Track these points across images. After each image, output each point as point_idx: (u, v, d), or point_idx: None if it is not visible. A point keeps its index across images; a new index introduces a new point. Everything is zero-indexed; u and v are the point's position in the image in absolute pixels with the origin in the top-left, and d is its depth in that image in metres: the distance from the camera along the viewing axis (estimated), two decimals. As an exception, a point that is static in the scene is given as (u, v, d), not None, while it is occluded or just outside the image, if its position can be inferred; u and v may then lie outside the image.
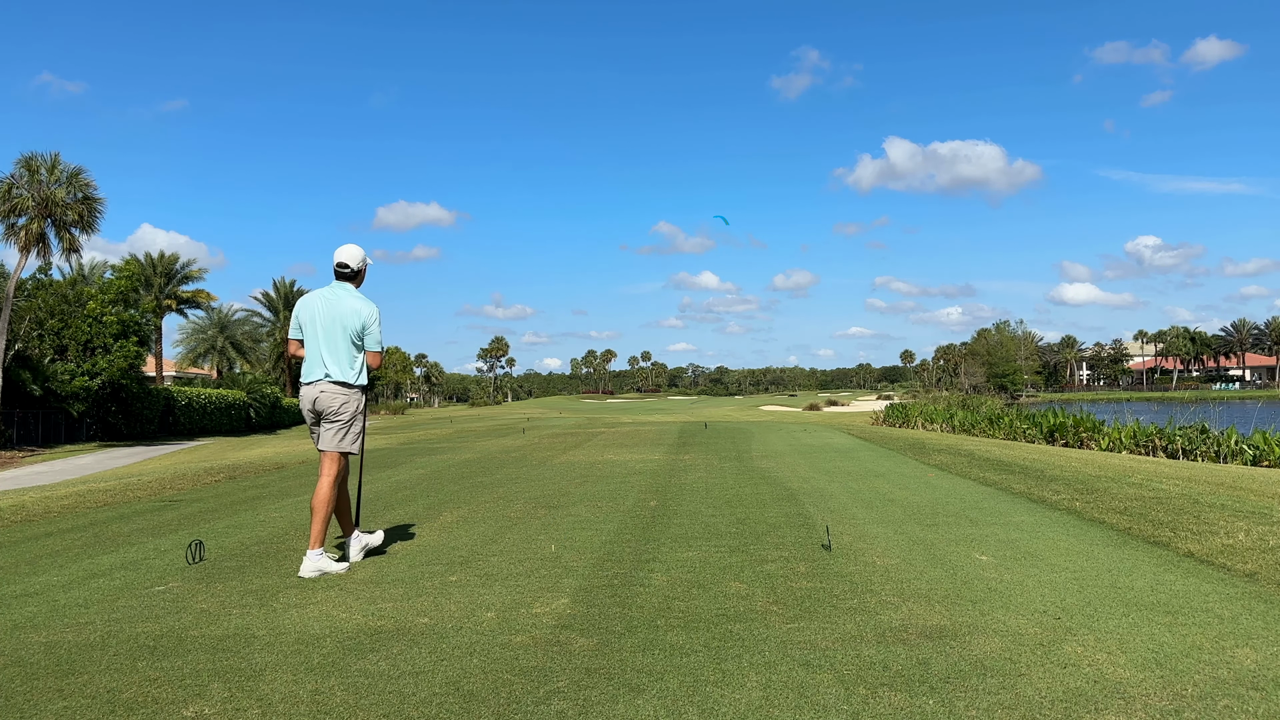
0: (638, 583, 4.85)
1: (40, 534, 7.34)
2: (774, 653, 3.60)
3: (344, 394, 5.47)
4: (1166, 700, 3.04)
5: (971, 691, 3.14)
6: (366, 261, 5.74)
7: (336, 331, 5.46)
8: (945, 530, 6.39)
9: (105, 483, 12.89)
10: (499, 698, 3.17)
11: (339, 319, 5.47)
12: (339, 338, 5.46)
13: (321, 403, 5.46)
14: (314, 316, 5.52)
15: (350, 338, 5.48)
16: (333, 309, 5.50)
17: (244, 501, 9.45)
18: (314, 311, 5.53)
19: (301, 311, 5.58)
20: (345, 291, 5.59)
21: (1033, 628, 3.88)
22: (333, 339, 5.46)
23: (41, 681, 3.45)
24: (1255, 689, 3.13)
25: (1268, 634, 3.75)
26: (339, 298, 5.54)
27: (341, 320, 5.47)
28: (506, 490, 9.69)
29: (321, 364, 5.46)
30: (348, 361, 5.48)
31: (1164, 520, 6.46)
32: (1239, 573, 4.83)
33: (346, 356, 5.48)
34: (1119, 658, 3.48)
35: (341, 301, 5.52)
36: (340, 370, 5.46)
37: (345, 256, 5.64)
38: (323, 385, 5.45)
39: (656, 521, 7.01)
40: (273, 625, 4.18)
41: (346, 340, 5.47)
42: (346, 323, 5.47)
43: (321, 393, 5.45)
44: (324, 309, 5.50)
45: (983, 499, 8.11)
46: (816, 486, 9.26)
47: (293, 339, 5.64)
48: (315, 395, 5.46)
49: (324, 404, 5.45)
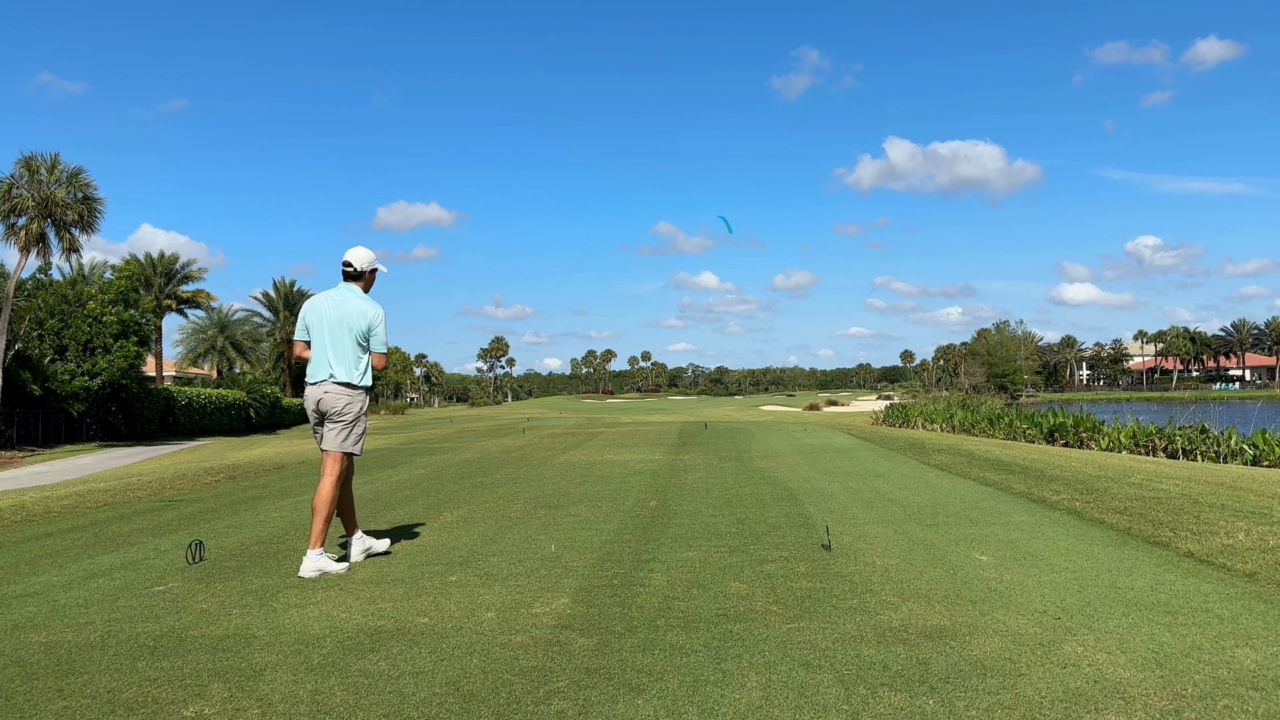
0: (638, 583, 4.85)
1: (40, 534, 7.34)
2: (774, 653, 3.60)
3: (348, 394, 5.50)
4: (1166, 700, 3.04)
5: (971, 691, 3.14)
6: (375, 264, 5.75)
7: (342, 332, 5.49)
8: (945, 530, 6.39)
9: (105, 483, 12.89)
10: (499, 698, 3.17)
11: (345, 320, 5.49)
12: (345, 338, 5.49)
13: (326, 403, 5.48)
14: (321, 317, 5.55)
15: (356, 339, 5.50)
16: (339, 310, 5.52)
17: (244, 501, 9.45)
18: (321, 312, 5.56)
19: (308, 312, 5.63)
20: (351, 293, 5.61)
21: (1033, 628, 3.88)
22: (339, 340, 5.49)
23: (41, 681, 3.45)
24: (1255, 689, 3.13)
25: (1268, 634, 3.75)
26: (345, 299, 5.57)
27: (347, 321, 5.49)
28: (506, 490, 9.69)
29: (327, 364, 5.49)
30: (353, 362, 5.50)
31: (1164, 520, 6.46)
32: (1239, 573, 4.83)
33: (352, 357, 5.50)
34: (1119, 658, 3.48)
35: (348, 303, 5.54)
36: (345, 371, 5.48)
37: (351, 257, 5.67)
38: (327, 386, 5.48)
39: (656, 521, 7.01)
40: (273, 625, 4.18)
41: (352, 341, 5.49)
42: (352, 324, 5.49)
43: (326, 393, 5.47)
44: (331, 310, 5.54)
45: (983, 499, 8.11)
46: (816, 486, 9.27)
47: (299, 340, 5.69)
48: (320, 395, 5.49)
49: (328, 404, 5.48)
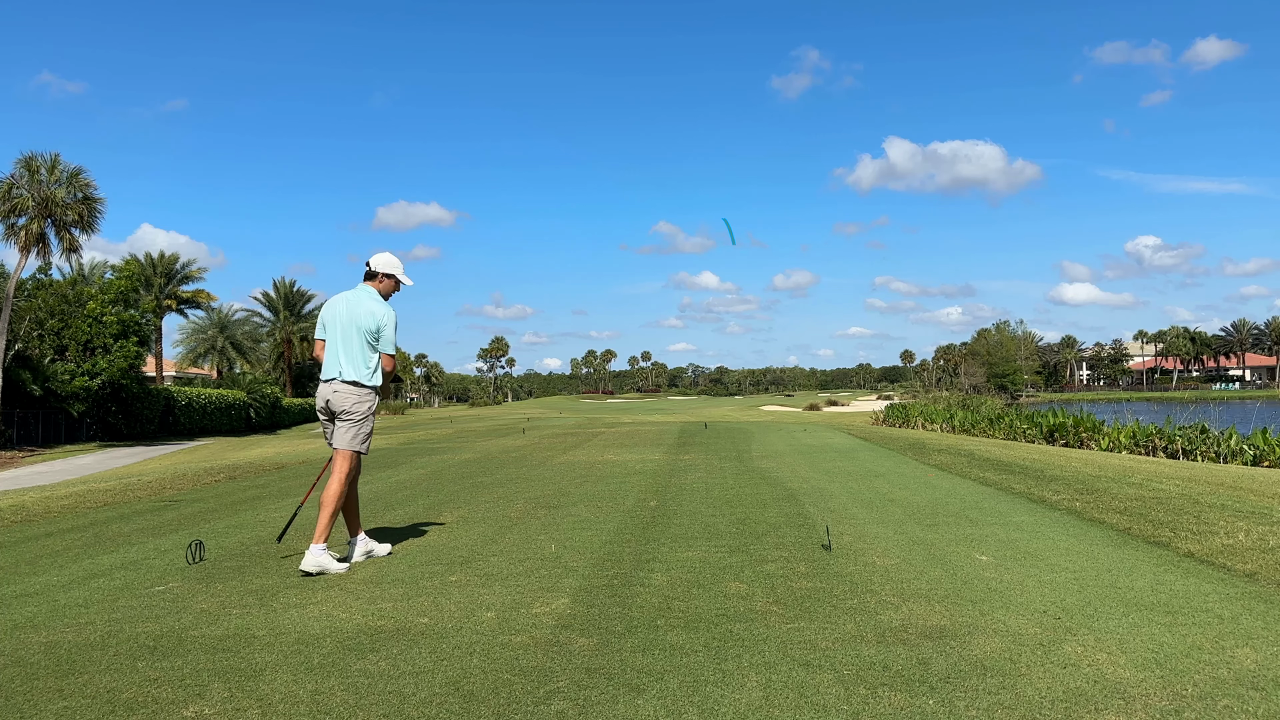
0: (638, 583, 4.85)
1: (40, 534, 7.34)
2: (774, 653, 3.60)
3: (356, 393, 5.63)
4: (1166, 700, 3.04)
5: (972, 691, 3.14)
6: (393, 270, 5.85)
7: (353, 332, 5.64)
8: (945, 530, 6.39)
9: (105, 483, 12.89)
10: (499, 697, 3.17)
11: (355, 320, 5.65)
12: (354, 338, 5.64)
13: (335, 402, 5.62)
14: (335, 317, 5.73)
15: (365, 338, 5.65)
16: (352, 310, 5.69)
17: (244, 502, 9.45)
18: (336, 313, 5.74)
19: (325, 312, 5.83)
20: (366, 294, 5.76)
21: (1033, 628, 3.88)
22: (349, 340, 5.65)
23: (41, 681, 3.45)
24: (1255, 689, 3.13)
25: (1268, 634, 3.75)
26: (359, 300, 5.72)
27: (357, 322, 5.65)
28: (507, 490, 9.69)
29: (338, 363, 5.65)
30: (362, 361, 5.64)
31: (1164, 520, 6.46)
32: (1239, 573, 4.83)
33: (361, 357, 5.64)
34: (1119, 658, 3.48)
35: (361, 304, 5.70)
36: (354, 370, 5.62)
37: (372, 259, 5.87)
38: (336, 385, 5.63)
39: (657, 521, 7.01)
40: (272, 625, 4.18)
41: (361, 341, 5.64)
42: (362, 324, 5.64)
43: (335, 392, 5.62)
44: (345, 310, 5.71)
45: (983, 499, 8.11)
46: (816, 486, 9.27)
47: (318, 339, 5.87)
48: (329, 394, 5.65)
49: (337, 403, 5.61)
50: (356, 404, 5.62)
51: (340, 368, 5.62)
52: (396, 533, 6.78)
